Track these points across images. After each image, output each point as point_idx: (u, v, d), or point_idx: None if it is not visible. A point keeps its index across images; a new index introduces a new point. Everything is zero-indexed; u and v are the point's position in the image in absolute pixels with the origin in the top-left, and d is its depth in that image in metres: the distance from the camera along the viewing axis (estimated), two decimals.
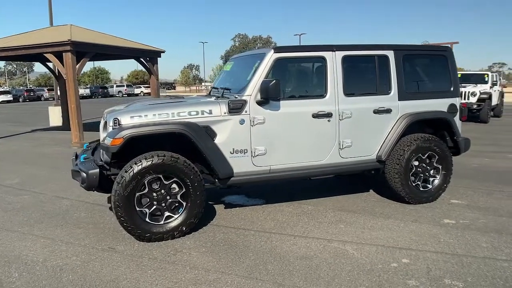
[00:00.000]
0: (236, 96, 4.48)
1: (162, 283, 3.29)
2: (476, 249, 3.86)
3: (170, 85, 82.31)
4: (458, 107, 5.32)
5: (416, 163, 5.11)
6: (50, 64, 14.48)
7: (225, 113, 4.35)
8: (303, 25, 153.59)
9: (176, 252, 3.88)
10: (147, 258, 3.77)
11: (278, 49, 4.54)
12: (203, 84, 79.98)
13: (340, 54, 4.75)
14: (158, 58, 13.37)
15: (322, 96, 4.71)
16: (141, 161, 3.95)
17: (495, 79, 15.69)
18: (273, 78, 4.31)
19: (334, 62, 4.71)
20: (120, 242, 4.14)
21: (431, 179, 5.20)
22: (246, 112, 4.40)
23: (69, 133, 11.16)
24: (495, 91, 15.40)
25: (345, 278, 3.32)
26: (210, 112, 4.32)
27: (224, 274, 3.43)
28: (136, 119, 4.15)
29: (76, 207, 5.30)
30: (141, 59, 13.11)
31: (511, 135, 11.71)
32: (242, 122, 4.40)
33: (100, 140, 5.01)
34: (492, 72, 18.59)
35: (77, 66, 10.23)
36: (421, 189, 5.15)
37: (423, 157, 5.11)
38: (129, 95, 52.47)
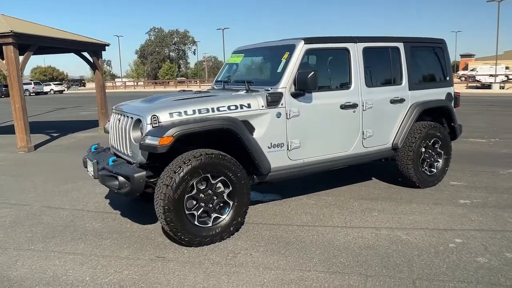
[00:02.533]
0: (270, 89, 4.34)
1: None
2: (507, 224, 4.20)
3: (80, 82, 77.03)
4: (453, 96, 5.73)
5: (423, 149, 5.40)
6: None
7: (262, 106, 4.20)
8: (223, 19, 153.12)
9: (235, 254, 3.67)
10: (209, 263, 3.52)
11: (308, 40, 4.48)
12: (116, 80, 76.21)
13: (361, 45, 4.83)
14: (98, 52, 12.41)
15: (347, 87, 4.76)
16: (190, 160, 3.66)
17: None
18: (310, 69, 4.25)
19: (356, 53, 4.78)
20: (164, 249, 3.81)
21: (435, 163, 5.54)
22: (282, 105, 4.29)
23: (11, 137, 9.94)
24: None
25: (421, 263, 3.41)
26: (249, 106, 4.14)
27: (303, 271, 3.33)
28: (176, 116, 3.83)
29: (81, 217, 4.75)
30: (83, 53, 12.09)
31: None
32: (278, 115, 4.28)
33: (110, 140, 4.56)
34: None
35: (21, 61, 9.12)
36: (428, 173, 5.47)
37: (429, 143, 5.42)
38: (37, 93, 47.93)
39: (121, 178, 3.70)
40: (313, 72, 4.17)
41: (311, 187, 5.63)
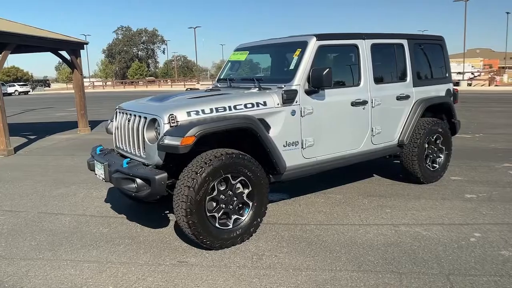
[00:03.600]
0: (283, 86, 4.25)
1: None
2: None
3: (44, 83, 74.43)
4: (452, 92, 5.82)
5: (426, 145, 5.46)
6: None
7: (278, 104, 4.11)
8: (193, 18, 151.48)
9: (260, 256, 3.57)
10: (235, 266, 3.41)
11: (320, 37, 4.42)
12: (84, 80, 74.08)
13: (369, 42, 4.83)
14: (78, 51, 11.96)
15: (357, 84, 4.74)
16: (211, 160, 3.53)
17: None
18: (325, 66, 4.19)
19: (365, 50, 4.77)
20: (183, 254, 3.67)
21: (437, 159, 5.61)
22: (296, 102, 4.22)
23: None
24: None
25: (448, 258, 3.42)
26: (265, 104, 4.05)
27: (335, 271, 3.27)
28: (194, 114, 3.70)
29: (85, 223, 4.52)
30: (61, 52, 11.62)
31: None
32: (293, 113, 4.21)
33: (116, 141, 4.36)
34: None
35: None
36: (431, 169, 5.53)
37: (432, 139, 5.49)
38: None
39: (139, 181, 3.53)
40: (328, 69, 4.12)
41: (315, 185, 5.58)
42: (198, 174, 3.46)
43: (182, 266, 3.44)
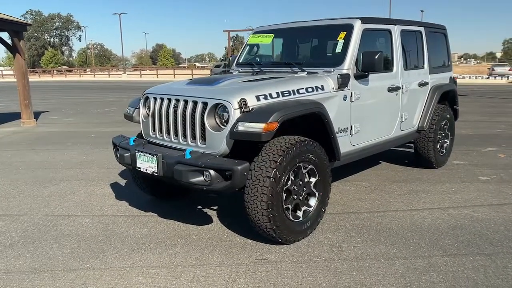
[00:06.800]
0: (333, 70, 4.08)
1: (389, 282, 2.87)
2: None
3: None
4: (454, 80, 6.08)
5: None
6: None
7: (333, 88, 3.93)
8: (113, 5, 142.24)
9: (340, 248, 3.39)
10: (322, 260, 3.19)
11: (364, 20, 4.30)
12: None
13: (399, 28, 4.83)
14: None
15: (391, 69, 4.72)
16: (288, 148, 3.26)
17: None
18: (376, 50, 4.09)
19: (396, 36, 4.76)
20: (255, 250, 3.37)
21: (444, 144, 5.84)
22: (348, 87, 4.07)
23: None
24: None
25: None
26: (322, 88, 3.85)
27: (426, 257, 3.20)
28: (262, 99, 3.38)
29: (113, 224, 3.97)
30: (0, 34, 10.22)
31: None
32: (345, 98, 4.06)
33: (152, 129, 3.89)
34: None
35: None
36: (440, 154, 5.74)
37: (441, 125, 5.68)
38: None
39: (213, 172, 3.13)
40: (379, 53, 4.02)
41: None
42: (278, 164, 3.17)
43: (265, 263, 3.15)
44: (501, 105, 14.17)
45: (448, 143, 5.88)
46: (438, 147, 5.66)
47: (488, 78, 32.85)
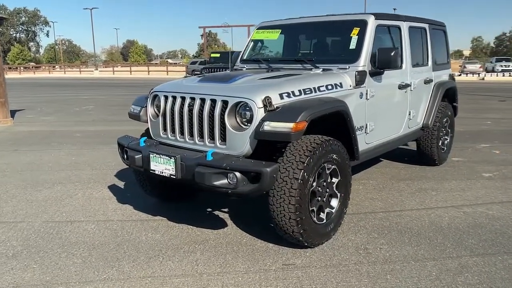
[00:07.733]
0: (348, 67, 3.98)
1: (426, 285, 2.79)
2: None
3: None
4: (452, 77, 6.10)
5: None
6: None
7: (351, 86, 3.84)
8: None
9: (366, 250, 3.30)
10: (352, 264, 3.08)
11: (377, 16, 4.22)
12: None
13: (407, 24, 4.77)
14: None
15: (400, 67, 4.65)
16: (314, 148, 3.13)
17: None
18: (391, 47, 4.02)
19: (405, 32, 4.71)
20: (280, 256, 3.23)
21: (445, 141, 5.86)
22: (364, 85, 3.98)
23: None
24: None
25: None
26: (341, 86, 3.74)
27: (455, 258, 3.15)
28: (285, 97, 3.24)
29: (121, 230, 3.75)
30: None
31: None
32: (361, 95, 3.97)
33: (162, 129, 3.69)
34: None
35: None
36: (442, 151, 5.75)
37: (443, 122, 5.69)
38: None
39: (239, 175, 2.96)
40: (395, 50, 3.95)
41: None
42: (306, 165, 3.04)
43: (294, 269, 3.02)
44: (482, 102, 14.50)
45: (448, 140, 5.91)
46: (440, 144, 5.67)
47: (460, 75, 33.74)
